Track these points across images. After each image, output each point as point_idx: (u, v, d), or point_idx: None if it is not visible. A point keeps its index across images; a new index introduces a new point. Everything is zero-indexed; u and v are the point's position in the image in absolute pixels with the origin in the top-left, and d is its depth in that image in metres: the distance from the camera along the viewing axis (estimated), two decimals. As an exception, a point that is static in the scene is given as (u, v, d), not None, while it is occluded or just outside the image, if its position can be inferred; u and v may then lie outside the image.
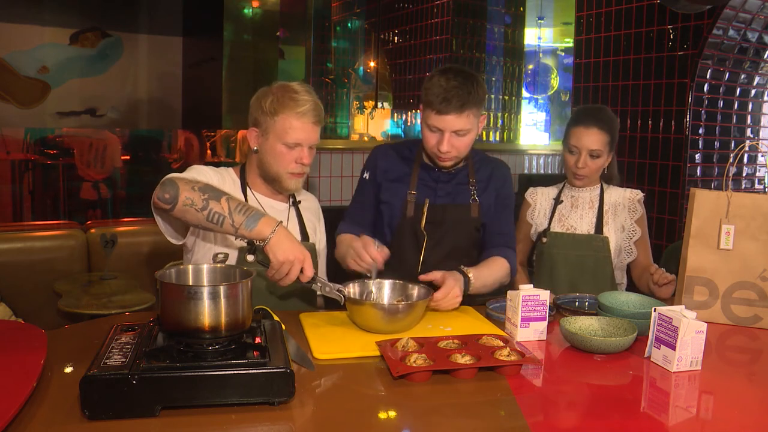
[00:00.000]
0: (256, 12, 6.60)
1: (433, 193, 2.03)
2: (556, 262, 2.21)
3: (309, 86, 1.88)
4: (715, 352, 1.62)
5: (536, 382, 1.37)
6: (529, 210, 2.34)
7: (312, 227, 2.02)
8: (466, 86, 1.85)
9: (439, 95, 1.84)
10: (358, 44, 7.56)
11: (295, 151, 1.81)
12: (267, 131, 1.81)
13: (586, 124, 2.16)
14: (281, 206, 1.94)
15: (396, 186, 2.05)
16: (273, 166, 1.83)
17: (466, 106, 1.84)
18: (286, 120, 1.79)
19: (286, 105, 1.79)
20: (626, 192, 2.26)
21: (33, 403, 1.14)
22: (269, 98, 1.80)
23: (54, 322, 3.20)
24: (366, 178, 2.11)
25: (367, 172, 2.12)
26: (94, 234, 3.70)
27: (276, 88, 1.83)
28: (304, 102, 1.79)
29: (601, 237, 2.18)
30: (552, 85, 9.14)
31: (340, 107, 7.45)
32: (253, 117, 1.85)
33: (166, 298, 1.25)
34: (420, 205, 2.00)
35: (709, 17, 3.24)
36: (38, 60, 7.69)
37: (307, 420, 1.15)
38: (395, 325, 1.58)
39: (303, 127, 1.80)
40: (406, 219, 2.01)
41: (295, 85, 1.84)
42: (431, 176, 2.04)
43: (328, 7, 7.37)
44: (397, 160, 2.09)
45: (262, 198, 1.90)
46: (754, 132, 3.69)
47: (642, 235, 2.23)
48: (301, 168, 1.84)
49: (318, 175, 4.41)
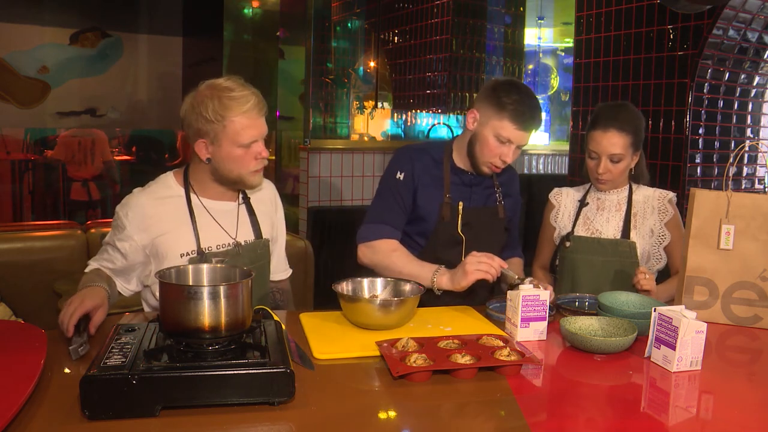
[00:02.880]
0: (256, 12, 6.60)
1: (467, 196, 2.06)
2: (580, 268, 2.10)
3: (237, 77, 1.77)
4: (715, 352, 1.62)
5: (536, 382, 1.37)
6: (552, 212, 2.24)
7: (268, 220, 1.95)
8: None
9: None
10: (358, 44, 7.55)
11: (252, 148, 1.74)
12: (217, 138, 1.70)
13: (604, 127, 2.03)
14: (230, 206, 1.86)
15: (432, 189, 2.04)
16: (234, 170, 1.75)
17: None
18: (235, 122, 1.69)
19: (229, 107, 1.68)
20: (656, 192, 2.14)
21: (33, 403, 1.14)
22: (207, 105, 1.68)
23: (54, 322, 3.20)
24: (401, 179, 2.03)
25: (401, 173, 2.04)
26: (94, 234, 3.69)
27: (208, 91, 1.71)
28: (246, 98, 1.70)
29: (627, 242, 2.07)
30: (552, 85, 9.14)
31: (340, 107, 7.44)
32: (195, 128, 1.72)
33: (166, 298, 1.25)
34: (455, 208, 2.03)
35: (709, 17, 3.24)
36: (38, 60, 7.69)
37: (307, 420, 1.15)
38: (388, 320, 1.60)
39: (253, 123, 1.71)
40: (443, 222, 2.02)
41: (224, 82, 1.73)
42: (463, 180, 2.07)
43: (328, 7, 7.36)
44: (430, 162, 2.07)
45: (208, 202, 1.82)
46: (754, 132, 3.69)
47: (673, 240, 2.09)
48: (261, 162, 1.78)
49: (318, 175, 4.41)
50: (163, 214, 1.76)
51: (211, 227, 1.79)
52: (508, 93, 1.89)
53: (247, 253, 1.83)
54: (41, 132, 7.59)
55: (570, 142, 4.13)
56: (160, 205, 1.77)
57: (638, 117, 2.09)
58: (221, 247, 1.79)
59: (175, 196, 1.80)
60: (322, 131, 7.16)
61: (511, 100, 1.88)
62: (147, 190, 1.80)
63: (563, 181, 3.80)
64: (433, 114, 5.76)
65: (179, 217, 1.77)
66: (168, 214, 1.76)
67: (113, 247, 1.77)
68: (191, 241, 1.75)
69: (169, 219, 1.76)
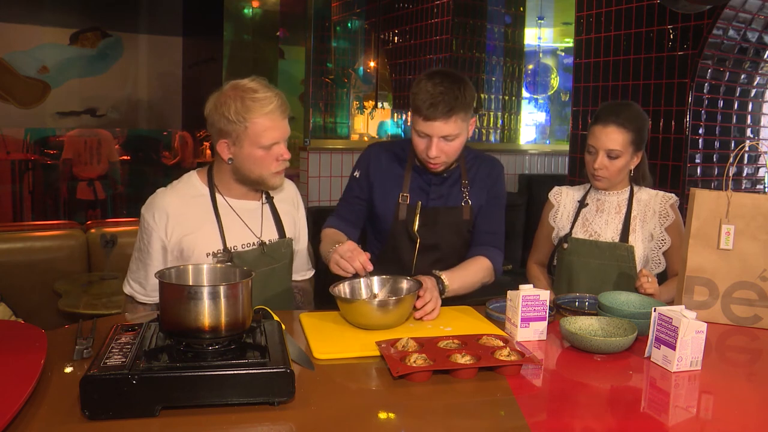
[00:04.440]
0: (256, 12, 6.59)
1: (425, 195, 2.02)
2: (577, 271, 2.07)
3: (262, 79, 1.78)
4: (715, 352, 1.62)
5: (536, 382, 1.37)
6: (551, 211, 2.21)
7: (290, 219, 1.96)
8: (453, 91, 1.82)
9: (425, 101, 1.81)
10: (358, 44, 7.55)
11: (274, 150, 1.75)
12: (239, 139, 1.71)
13: (604, 122, 2.01)
14: (254, 205, 1.87)
15: (388, 187, 2.03)
16: (254, 171, 1.76)
17: (453, 111, 1.82)
18: (257, 123, 1.69)
19: (252, 108, 1.69)
20: (658, 195, 2.09)
21: (33, 403, 1.14)
22: (230, 105, 1.69)
23: (54, 322, 3.20)
24: (357, 176, 2.08)
25: (358, 170, 2.08)
26: (94, 234, 3.70)
27: (231, 92, 1.72)
28: (268, 100, 1.71)
29: (625, 246, 2.03)
30: (552, 85, 9.13)
31: (340, 107, 7.45)
32: (217, 128, 1.73)
33: (166, 298, 1.25)
34: (412, 207, 2.00)
35: (709, 17, 3.24)
36: (38, 60, 7.70)
37: (307, 420, 1.15)
38: (387, 320, 1.60)
39: (275, 125, 1.73)
40: (399, 221, 2.01)
41: (248, 83, 1.74)
42: (423, 179, 2.03)
43: (328, 7, 7.37)
44: (391, 160, 2.06)
45: (233, 201, 1.83)
46: (754, 132, 3.69)
47: (673, 246, 2.05)
48: (283, 164, 1.79)
49: (318, 175, 4.41)
50: (190, 213, 1.77)
51: (237, 226, 1.81)
52: (416, 86, 1.87)
53: (272, 252, 1.85)
54: (41, 132, 7.59)
55: (570, 142, 4.13)
56: (186, 204, 1.78)
57: (642, 117, 2.06)
58: (246, 246, 1.81)
59: (200, 195, 1.81)
60: (322, 131, 7.16)
61: (417, 90, 1.85)
62: (173, 189, 1.81)
63: (563, 181, 3.79)
64: (433, 114, 5.74)
65: (205, 217, 1.78)
66: (194, 214, 1.78)
67: (147, 253, 1.77)
68: (217, 240, 1.77)
69: (195, 218, 1.77)
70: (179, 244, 1.75)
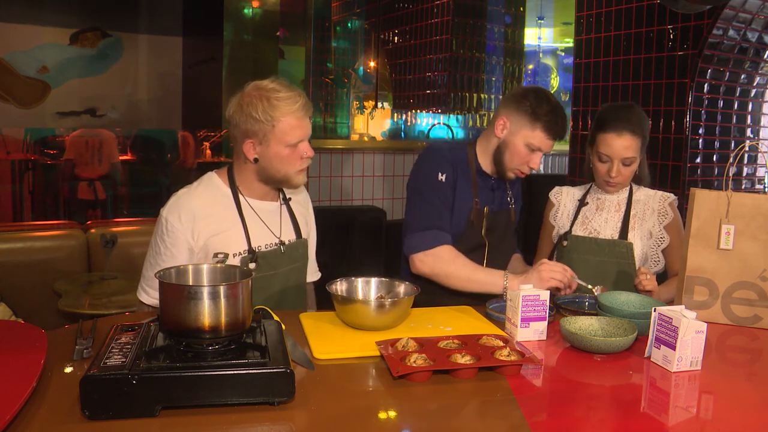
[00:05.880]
0: (256, 12, 6.59)
1: (490, 200, 2.09)
2: (576, 268, 2.03)
3: (282, 79, 1.81)
4: (715, 352, 1.62)
5: (536, 382, 1.37)
6: (552, 210, 2.24)
7: (304, 221, 2.00)
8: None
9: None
10: (358, 44, 7.56)
11: (299, 148, 1.78)
12: (266, 138, 1.75)
13: (618, 130, 2.00)
14: (273, 206, 1.90)
15: (464, 192, 2.03)
16: (281, 170, 1.79)
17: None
18: (283, 122, 1.73)
19: (278, 107, 1.72)
20: (657, 194, 2.12)
21: (33, 403, 1.14)
22: (257, 105, 1.72)
23: (54, 322, 3.20)
24: (443, 180, 1.99)
25: (442, 174, 2.00)
26: (94, 234, 3.69)
27: (255, 92, 1.75)
28: (293, 99, 1.74)
29: (624, 243, 2.05)
30: (552, 85, 9.14)
31: (340, 107, 7.45)
32: (243, 128, 1.75)
33: (166, 298, 1.25)
34: (480, 212, 2.05)
35: (709, 17, 3.24)
36: (38, 60, 7.69)
37: (307, 420, 1.15)
38: (383, 321, 1.59)
39: (300, 124, 1.77)
40: (471, 227, 2.03)
41: (269, 83, 1.76)
42: (486, 184, 2.09)
43: (328, 7, 7.37)
44: (463, 164, 2.06)
45: (254, 202, 1.85)
46: (754, 132, 3.69)
47: (671, 244, 2.08)
48: (307, 162, 1.83)
49: (318, 175, 4.41)
50: (216, 214, 1.78)
51: (258, 227, 1.83)
52: (540, 104, 1.95)
53: (290, 252, 1.88)
54: (41, 132, 7.58)
55: (570, 142, 4.13)
56: (211, 205, 1.79)
57: (646, 118, 2.09)
58: (268, 247, 1.83)
59: (223, 196, 1.83)
60: (322, 131, 7.16)
61: (544, 111, 1.94)
62: (196, 191, 1.81)
63: (563, 181, 3.79)
64: (433, 114, 5.76)
65: (230, 217, 1.80)
66: (220, 214, 1.79)
67: (170, 257, 1.76)
68: (242, 240, 1.78)
69: (221, 219, 1.78)
70: (206, 245, 1.75)
